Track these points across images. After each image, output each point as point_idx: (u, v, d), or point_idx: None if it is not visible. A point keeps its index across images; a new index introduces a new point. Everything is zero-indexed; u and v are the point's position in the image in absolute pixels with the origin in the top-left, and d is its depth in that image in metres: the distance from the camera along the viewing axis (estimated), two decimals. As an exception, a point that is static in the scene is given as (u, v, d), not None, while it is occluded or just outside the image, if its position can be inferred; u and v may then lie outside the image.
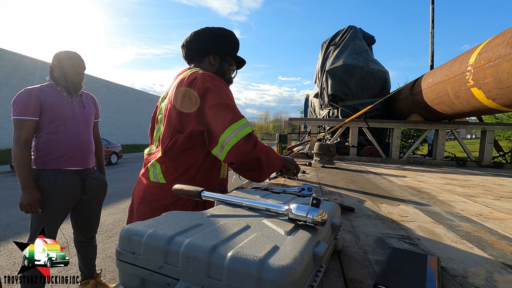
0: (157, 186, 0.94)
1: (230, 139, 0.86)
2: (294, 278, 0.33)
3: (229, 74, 1.15)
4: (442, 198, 1.34)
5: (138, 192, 0.99)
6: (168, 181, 0.93)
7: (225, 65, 1.13)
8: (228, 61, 1.13)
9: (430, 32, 6.36)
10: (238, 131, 0.87)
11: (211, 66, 1.10)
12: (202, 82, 0.90)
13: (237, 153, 0.87)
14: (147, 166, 0.99)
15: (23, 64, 13.91)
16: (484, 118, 3.93)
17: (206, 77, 0.92)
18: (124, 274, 0.42)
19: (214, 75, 0.95)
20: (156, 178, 0.95)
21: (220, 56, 1.11)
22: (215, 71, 1.10)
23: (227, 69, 1.14)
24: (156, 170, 0.96)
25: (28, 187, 1.45)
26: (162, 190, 0.93)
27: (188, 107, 0.91)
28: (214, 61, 1.10)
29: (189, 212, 0.52)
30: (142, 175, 1.01)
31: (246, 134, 0.88)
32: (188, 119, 0.91)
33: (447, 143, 15.78)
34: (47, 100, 1.54)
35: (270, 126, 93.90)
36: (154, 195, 0.94)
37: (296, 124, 4.20)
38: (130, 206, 1.04)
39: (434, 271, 0.49)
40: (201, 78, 0.92)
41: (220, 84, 0.92)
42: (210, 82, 0.90)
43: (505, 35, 2.11)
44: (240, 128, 0.87)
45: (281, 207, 0.50)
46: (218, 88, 0.90)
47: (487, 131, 3.40)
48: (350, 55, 4.24)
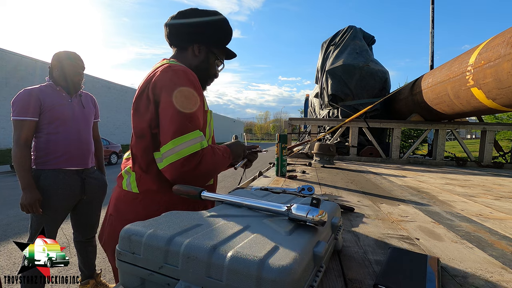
0: (130, 196, 0.84)
1: (170, 155, 0.75)
2: (294, 278, 0.33)
3: (214, 68, 1.01)
4: (442, 198, 1.34)
5: (112, 200, 0.90)
6: (141, 191, 0.83)
7: (211, 58, 0.98)
8: (216, 53, 0.98)
9: (430, 32, 6.36)
10: (181, 148, 0.74)
11: (194, 58, 0.96)
12: (160, 77, 0.79)
13: (173, 172, 0.75)
14: (121, 173, 0.90)
15: (23, 64, 13.90)
16: (484, 118, 3.93)
17: (169, 72, 0.79)
18: (124, 274, 0.42)
19: (182, 70, 0.81)
20: (129, 186, 0.85)
21: (207, 47, 0.96)
22: (198, 64, 0.96)
23: (213, 63, 0.99)
24: (130, 178, 0.86)
25: (28, 187, 1.45)
26: (135, 201, 0.83)
27: (144, 107, 0.80)
28: (199, 52, 0.95)
29: (189, 212, 0.52)
30: (117, 182, 0.92)
31: (188, 154, 0.74)
32: (145, 122, 0.80)
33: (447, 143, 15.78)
34: (46, 100, 1.54)
35: (270, 126, 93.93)
36: (126, 206, 0.85)
37: (296, 124, 4.20)
38: (105, 214, 0.93)
39: (434, 271, 0.49)
40: (163, 72, 0.80)
41: (181, 83, 0.78)
42: (169, 79, 0.78)
43: (505, 35, 2.11)
44: (184, 144, 0.74)
45: (281, 207, 0.50)
46: (175, 88, 0.77)
47: (487, 131, 3.39)
48: (350, 55, 4.24)
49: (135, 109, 0.83)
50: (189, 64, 0.94)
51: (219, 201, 0.60)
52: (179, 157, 0.74)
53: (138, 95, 0.83)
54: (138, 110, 0.82)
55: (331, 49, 4.64)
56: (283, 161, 1.83)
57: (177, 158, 0.74)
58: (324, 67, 4.53)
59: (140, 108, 0.81)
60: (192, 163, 0.75)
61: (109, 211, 0.90)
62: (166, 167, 0.76)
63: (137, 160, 0.85)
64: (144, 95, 0.81)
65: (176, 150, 0.74)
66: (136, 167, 0.85)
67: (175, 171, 0.75)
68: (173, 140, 0.74)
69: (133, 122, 0.84)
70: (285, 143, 1.82)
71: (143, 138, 0.82)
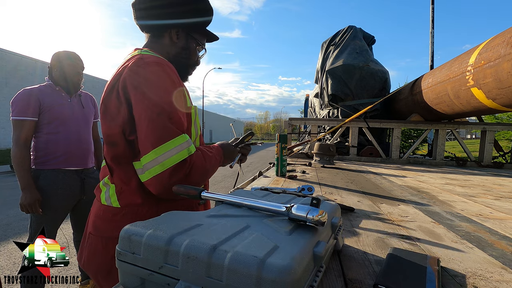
0: (110, 212, 0.73)
1: (152, 166, 0.64)
2: (294, 278, 0.33)
3: (196, 55, 0.88)
4: (442, 198, 1.34)
5: (90, 216, 0.80)
6: (123, 205, 0.72)
7: (192, 43, 0.85)
8: (196, 38, 0.86)
9: (430, 32, 6.36)
10: (165, 158, 0.63)
11: (173, 45, 0.83)
12: (130, 72, 0.66)
13: (158, 185, 0.65)
14: (99, 184, 0.79)
15: (23, 64, 13.90)
16: (484, 118, 3.93)
17: (141, 65, 0.67)
18: (124, 274, 0.42)
19: (157, 61, 0.69)
20: (108, 200, 0.74)
21: (186, 31, 0.83)
22: (178, 52, 0.84)
23: (194, 50, 0.86)
24: (109, 190, 0.74)
25: (28, 187, 1.45)
26: (116, 217, 0.72)
27: (114, 109, 0.68)
28: (177, 38, 0.83)
29: (189, 212, 0.52)
30: (95, 194, 0.81)
31: (176, 163, 0.64)
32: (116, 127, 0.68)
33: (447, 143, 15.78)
34: (46, 100, 1.54)
35: (270, 126, 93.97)
36: (106, 224, 0.73)
37: (296, 124, 4.20)
38: (84, 231, 0.82)
39: (434, 271, 0.49)
40: (133, 66, 0.67)
41: (157, 78, 0.67)
42: (142, 75, 0.66)
43: (505, 35, 2.11)
44: (170, 152, 0.64)
45: (281, 207, 0.50)
46: (150, 84, 0.66)
47: (487, 131, 3.39)
48: (350, 55, 4.24)
49: (103, 112, 0.70)
50: (166, 53, 0.83)
51: (219, 201, 0.60)
52: (164, 168, 0.64)
53: (106, 95, 0.70)
54: (107, 112, 0.69)
55: (331, 49, 4.64)
56: (283, 161, 1.83)
57: (162, 169, 0.64)
58: (324, 67, 4.53)
59: (110, 110, 0.69)
60: (181, 173, 0.65)
61: (87, 230, 0.78)
62: (150, 180, 0.65)
63: (114, 171, 0.73)
64: (114, 94, 0.68)
65: (159, 161, 0.63)
66: (115, 178, 0.73)
67: (161, 184, 0.65)
68: (154, 150, 0.63)
69: (102, 127, 0.72)
70: (285, 143, 1.82)
71: (115, 146, 0.70)
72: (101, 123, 0.72)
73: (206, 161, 0.73)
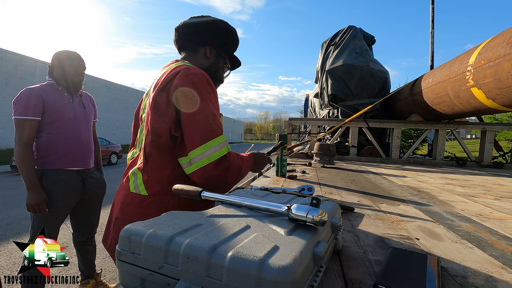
0: (138, 199, 0.83)
1: (200, 159, 0.76)
2: (294, 278, 0.33)
3: (222, 72, 1.03)
4: (442, 198, 1.34)
5: (117, 203, 0.88)
6: (150, 193, 0.82)
7: (221, 61, 1.00)
8: (225, 58, 1.02)
9: (430, 32, 6.36)
10: (211, 152, 0.76)
11: (206, 59, 0.97)
12: (181, 81, 0.78)
13: (203, 176, 0.77)
14: (128, 175, 0.88)
15: (23, 64, 13.91)
16: (484, 118, 3.93)
17: (190, 75, 0.79)
18: (124, 274, 0.42)
19: (201, 73, 0.82)
20: (137, 189, 0.83)
21: (217, 50, 0.99)
22: (209, 65, 0.98)
23: (222, 67, 1.02)
24: (137, 179, 0.84)
25: (34, 187, 1.45)
26: (143, 203, 0.82)
27: (163, 108, 0.79)
28: (210, 53, 0.97)
29: (189, 212, 0.52)
30: (123, 184, 0.89)
31: (219, 158, 0.77)
32: (164, 122, 0.79)
33: (447, 143, 15.78)
34: (49, 99, 1.53)
35: (270, 126, 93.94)
36: (133, 209, 0.83)
37: (296, 124, 4.20)
38: (109, 217, 0.92)
39: (434, 271, 0.49)
40: (183, 75, 0.79)
41: (203, 86, 0.80)
42: (191, 83, 0.78)
43: (505, 35, 2.11)
44: (214, 148, 0.77)
45: (281, 207, 0.50)
46: (199, 92, 0.78)
47: (487, 131, 3.39)
48: (350, 55, 4.24)
49: (153, 107, 0.81)
50: (200, 65, 0.95)
51: (219, 201, 0.60)
52: (210, 161, 0.76)
53: (157, 93, 0.81)
54: (157, 108, 0.80)
55: (331, 49, 4.65)
56: (283, 161, 1.84)
57: (208, 162, 0.76)
58: (324, 67, 4.54)
59: (159, 107, 0.80)
60: (222, 166, 0.78)
61: (114, 214, 0.88)
62: (197, 171, 0.77)
63: (151, 159, 0.82)
64: (164, 95, 0.79)
65: (206, 155, 0.76)
66: (149, 165, 0.82)
67: (205, 174, 0.77)
68: (202, 146, 0.76)
69: (150, 120, 0.81)
70: (285, 143, 1.82)
71: (160, 138, 0.80)
72: (151, 115, 0.81)
73: (239, 160, 0.86)
